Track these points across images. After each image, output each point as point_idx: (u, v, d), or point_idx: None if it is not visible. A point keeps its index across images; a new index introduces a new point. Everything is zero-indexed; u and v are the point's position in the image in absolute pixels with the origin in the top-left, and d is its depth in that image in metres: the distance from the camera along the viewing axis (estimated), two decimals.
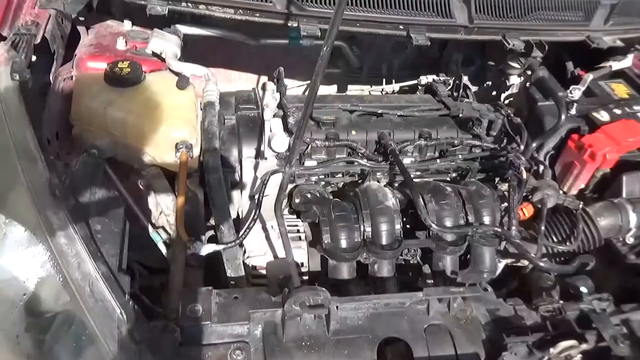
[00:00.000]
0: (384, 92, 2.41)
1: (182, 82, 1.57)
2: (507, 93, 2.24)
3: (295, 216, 1.66)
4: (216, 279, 1.50)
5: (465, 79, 2.38)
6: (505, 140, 1.87)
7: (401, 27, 1.65)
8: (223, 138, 1.68)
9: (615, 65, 2.06)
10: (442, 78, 2.15)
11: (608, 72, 2.13)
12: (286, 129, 1.66)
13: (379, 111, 1.84)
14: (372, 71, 2.40)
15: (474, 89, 2.42)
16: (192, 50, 2.19)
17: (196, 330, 1.12)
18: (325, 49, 1.02)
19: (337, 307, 1.21)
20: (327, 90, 2.46)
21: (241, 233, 1.38)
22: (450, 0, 1.69)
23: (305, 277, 1.55)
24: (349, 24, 1.63)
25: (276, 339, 1.16)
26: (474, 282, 1.53)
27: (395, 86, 2.37)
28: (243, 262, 1.50)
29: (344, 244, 1.45)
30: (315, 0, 1.62)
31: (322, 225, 1.46)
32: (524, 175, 1.54)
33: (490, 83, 2.36)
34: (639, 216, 1.56)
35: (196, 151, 1.51)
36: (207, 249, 1.30)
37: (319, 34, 1.61)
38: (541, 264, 1.44)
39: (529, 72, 2.01)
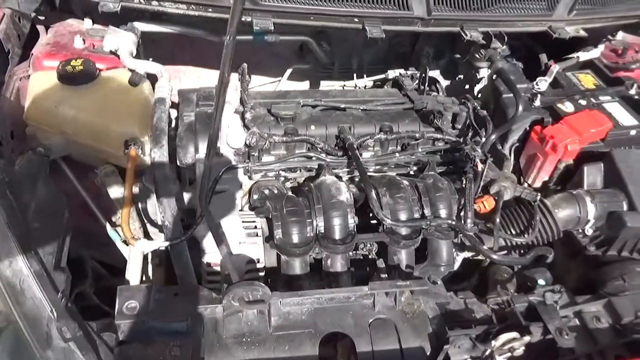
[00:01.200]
0: (357, 87, 2.40)
1: (135, 78, 1.56)
2: (478, 86, 2.22)
3: (253, 212, 1.64)
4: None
5: (436, 72, 2.39)
6: (470, 133, 1.85)
7: (356, 19, 1.64)
8: (180, 135, 1.67)
9: (583, 55, 2.05)
10: (409, 72, 2.13)
11: (577, 63, 2.11)
12: (244, 124, 1.65)
13: (342, 106, 1.83)
14: (344, 66, 2.39)
15: (446, 82, 2.41)
16: (160, 48, 2.20)
17: (134, 328, 1.11)
18: (228, 38, 1.01)
19: (279, 302, 1.20)
20: (300, 86, 2.45)
21: (191, 231, 1.37)
22: None
23: (262, 273, 1.54)
24: (302, 18, 1.62)
25: (216, 335, 1.15)
26: (431, 276, 1.53)
27: (367, 80, 2.36)
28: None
29: (295, 239, 1.44)
30: None
31: (273, 220, 1.45)
32: (479, 167, 1.52)
33: (462, 76, 2.34)
34: (597, 207, 1.54)
35: (148, 148, 1.50)
36: (149, 246, 1.29)
37: (272, 28, 1.59)
38: (494, 256, 1.43)
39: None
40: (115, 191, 1.52)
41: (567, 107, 1.81)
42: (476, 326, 1.21)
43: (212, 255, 1.51)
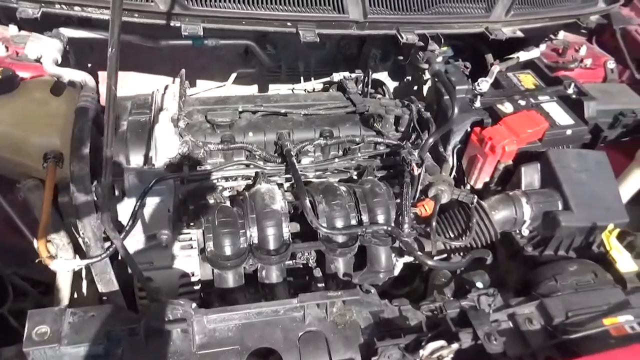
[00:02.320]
0: (306, 91, 2.36)
1: (57, 88, 1.49)
2: (425, 87, 2.22)
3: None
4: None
5: (384, 74, 2.38)
6: (413, 136, 1.84)
7: (289, 23, 1.60)
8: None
9: (524, 55, 2.06)
10: (353, 75, 2.11)
11: (519, 63, 2.13)
12: (177, 132, 1.60)
13: (283, 110, 1.80)
14: (291, 70, 2.35)
15: (394, 84, 2.40)
16: (98, 54, 2.12)
17: (44, 355, 1.05)
18: (111, 50, 0.96)
19: (204, 319, 1.16)
20: (248, 90, 2.40)
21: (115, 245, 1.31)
22: None
23: (197, 287, 1.49)
24: (233, 22, 1.58)
25: (136, 358, 1.10)
26: (364, 285, 1.51)
27: (315, 84, 2.33)
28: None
29: (227, 251, 1.39)
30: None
31: (205, 232, 1.41)
32: (415, 171, 1.51)
33: (409, 78, 2.33)
34: (533, 208, 1.55)
35: None
36: (67, 265, 1.23)
37: (202, 33, 1.54)
38: (429, 261, 1.41)
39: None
40: (38, 205, 1.45)
41: (507, 107, 1.82)
42: (407, 334, 1.19)
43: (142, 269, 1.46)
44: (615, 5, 2.09)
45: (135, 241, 1.43)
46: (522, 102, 1.85)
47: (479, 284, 1.44)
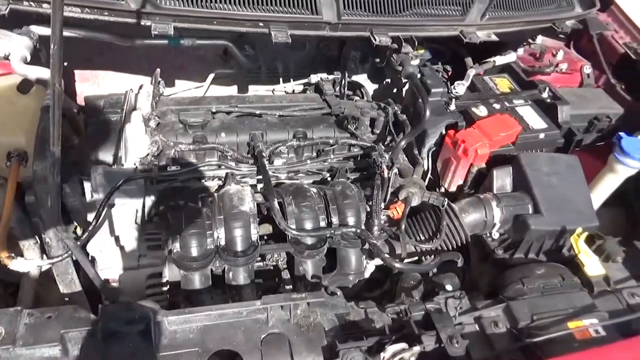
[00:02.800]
0: (285, 92, 2.36)
1: (25, 86, 1.47)
2: (405, 90, 2.22)
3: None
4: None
5: (363, 77, 2.38)
6: (388, 138, 1.84)
7: (261, 24, 1.60)
8: (81, 143, 1.60)
9: (500, 59, 2.07)
10: (331, 77, 2.11)
11: (496, 67, 2.14)
12: (147, 132, 1.59)
13: (257, 112, 1.79)
14: (270, 71, 2.35)
15: (374, 87, 2.41)
16: (75, 52, 2.10)
17: None
18: (52, 46, 0.94)
19: (165, 321, 1.14)
20: (227, 91, 2.39)
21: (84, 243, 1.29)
22: None
23: (165, 288, 1.48)
24: (205, 22, 1.57)
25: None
26: (341, 285, 1.50)
27: (294, 85, 2.32)
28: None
29: (194, 252, 1.38)
30: None
31: (171, 233, 1.39)
32: (386, 173, 1.50)
33: (389, 81, 2.34)
34: (503, 211, 1.55)
35: None
36: (26, 265, 1.21)
37: (172, 32, 1.53)
38: (396, 264, 1.41)
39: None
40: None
41: (481, 111, 1.83)
42: (371, 337, 1.18)
43: (109, 271, 1.44)
44: (591, 11, 2.11)
45: (101, 242, 1.41)
46: (497, 106, 1.86)
47: (449, 287, 1.44)
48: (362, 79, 2.36)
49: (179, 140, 1.63)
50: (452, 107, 1.83)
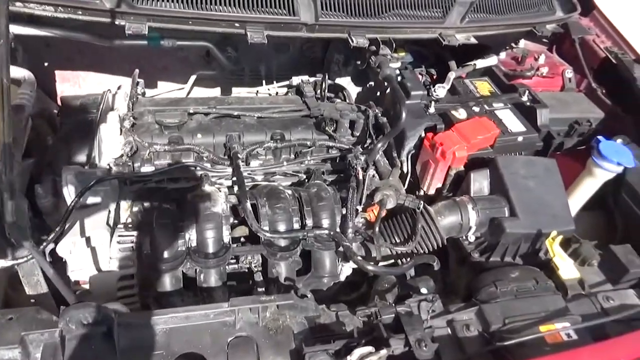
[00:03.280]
0: (269, 93, 2.35)
1: None
2: (387, 92, 2.21)
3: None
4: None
5: (347, 79, 2.38)
6: (368, 141, 1.84)
7: (237, 24, 1.59)
8: (55, 144, 1.58)
9: (481, 63, 2.07)
10: (312, 79, 2.10)
11: (478, 70, 2.14)
12: (122, 133, 1.57)
13: (235, 113, 1.78)
14: (253, 72, 2.34)
15: (357, 89, 2.40)
16: (56, 52, 2.09)
17: None
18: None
19: (130, 323, 1.13)
20: (211, 92, 2.38)
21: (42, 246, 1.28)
22: None
23: (136, 290, 1.46)
24: (180, 22, 1.56)
25: None
26: (315, 288, 1.49)
27: (277, 87, 2.31)
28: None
29: (165, 253, 1.36)
30: None
31: (142, 234, 1.38)
32: (360, 175, 1.50)
33: (372, 84, 2.33)
34: (479, 214, 1.54)
35: None
36: None
37: (146, 32, 1.52)
38: (369, 266, 1.40)
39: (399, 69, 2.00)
40: None
41: (461, 113, 1.82)
42: (339, 340, 1.17)
43: (79, 272, 1.42)
44: (572, 15, 2.11)
45: (70, 243, 1.39)
46: (476, 109, 1.86)
47: (424, 290, 1.43)
48: (345, 81, 2.35)
49: (154, 141, 1.62)
50: (432, 109, 1.83)
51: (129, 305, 1.42)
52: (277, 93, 2.33)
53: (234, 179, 1.61)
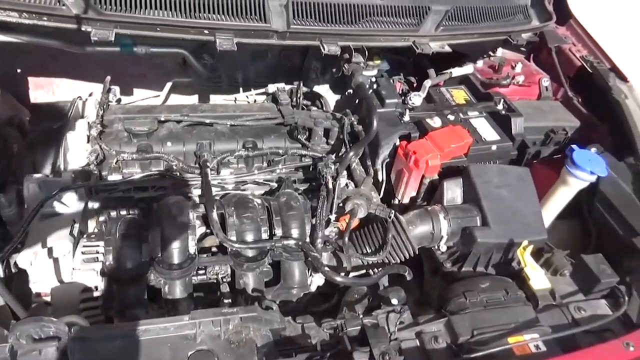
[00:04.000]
0: (247, 101, 2.33)
1: None
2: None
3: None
4: None
5: (325, 87, 2.37)
6: (343, 149, 1.82)
7: (206, 31, 1.57)
8: (20, 151, 1.55)
9: (457, 71, 2.07)
10: (288, 87, 2.09)
11: (456, 78, 2.14)
12: (89, 141, 1.55)
13: (208, 121, 1.76)
14: (231, 80, 2.32)
15: (336, 97, 2.39)
16: (29, 59, 2.06)
17: None
18: None
19: (85, 337, 1.09)
20: (188, 100, 2.36)
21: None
22: (266, 5, 1.62)
23: (99, 303, 1.42)
24: (148, 29, 1.54)
25: None
26: (285, 299, 1.46)
27: (254, 95, 2.30)
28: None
29: (128, 264, 1.33)
30: (115, 3, 1.51)
31: (105, 245, 1.34)
32: (330, 184, 1.48)
33: (351, 92, 2.32)
34: (450, 223, 1.52)
35: None
36: None
37: (113, 39, 1.50)
38: (337, 277, 1.37)
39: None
40: None
41: (435, 122, 1.81)
42: (301, 353, 1.14)
43: (40, 284, 1.39)
44: (548, 24, 2.12)
45: (31, 254, 1.36)
46: (451, 117, 1.85)
47: (394, 301, 1.40)
48: (324, 89, 2.34)
49: (123, 149, 1.60)
50: (407, 117, 1.82)
51: (92, 318, 1.40)
52: (255, 101, 2.31)
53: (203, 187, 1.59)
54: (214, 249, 1.57)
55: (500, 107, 1.90)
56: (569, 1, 2.34)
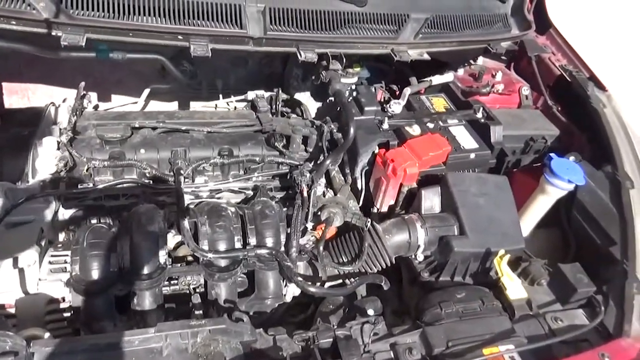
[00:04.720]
0: (228, 108, 2.30)
1: None
2: None
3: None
4: None
5: (307, 94, 2.35)
6: (322, 157, 1.80)
7: (180, 37, 1.54)
8: None
9: (437, 79, 2.06)
10: (267, 94, 2.07)
11: (436, 86, 2.13)
12: (59, 148, 1.51)
13: (184, 128, 1.73)
14: (211, 86, 2.29)
15: (318, 105, 2.37)
16: (4, 64, 2.01)
17: None
18: None
19: (45, 351, 1.05)
20: (168, 106, 2.32)
21: None
22: (243, 11, 1.60)
23: (67, 314, 1.38)
24: (120, 34, 1.50)
25: None
26: (259, 310, 1.43)
27: (234, 102, 2.27)
28: None
29: (94, 274, 1.29)
30: (87, 7, 1.48)
31: (72, 254, 1.31)
32: (305, 192, 1.45)
33: (332, 99, 2.30)
34: (427, 232, 1.51)
35: None
36: None
37: (83, 44, 1.47)
38: (310, 288, 1.35)
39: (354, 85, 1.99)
40: None
41: (414, 130, 1.80)
42: None
43: (4, 295, 1.34)
44: (527, 32, 2.13)
45: None
46: (431, 125, 1.84)
47: (370, 311, 1.38)
48: (305, 96, 2.32)
49: (95, 156, 1.56)
50: (385, 125, 1.81)
51: (58, 330, 1.35)
52: (235, 108, 2.29)
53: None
54: (189, 258, 1.54)
55: (479, 115, 1.90)
56: (549, 11, 2.36)
